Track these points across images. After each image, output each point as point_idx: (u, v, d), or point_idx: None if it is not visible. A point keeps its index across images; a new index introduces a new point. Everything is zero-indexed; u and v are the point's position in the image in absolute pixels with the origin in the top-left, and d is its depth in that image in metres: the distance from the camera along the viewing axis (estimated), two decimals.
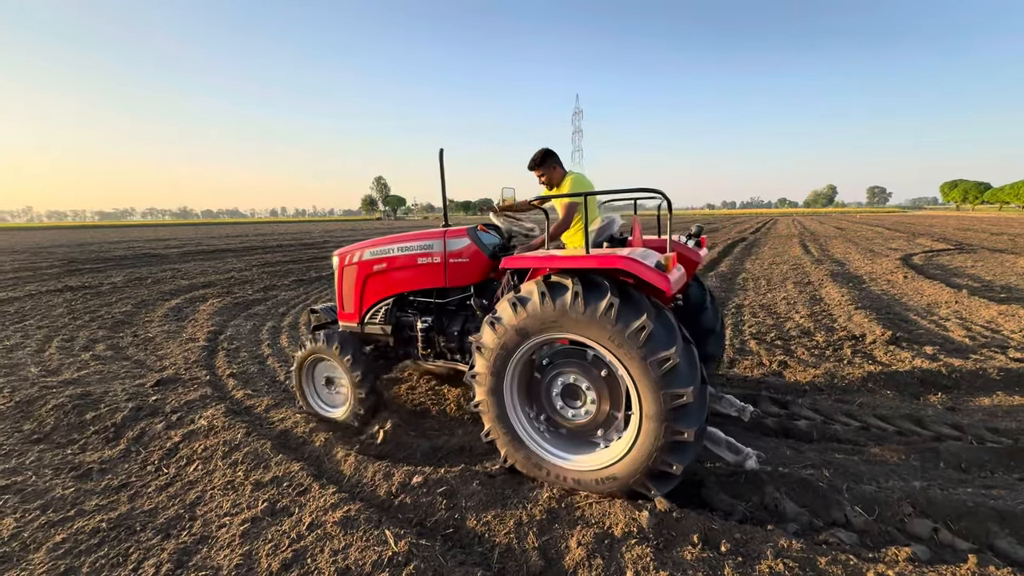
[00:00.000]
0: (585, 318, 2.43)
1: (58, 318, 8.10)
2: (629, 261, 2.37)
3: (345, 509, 2.52)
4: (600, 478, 2.59)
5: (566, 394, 2.78)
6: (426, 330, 3.70)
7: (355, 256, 3.96)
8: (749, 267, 13.43)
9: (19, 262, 17.73)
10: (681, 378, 2.33)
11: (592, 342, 2.48)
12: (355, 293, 3.94)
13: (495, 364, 2.76)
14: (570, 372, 2.73)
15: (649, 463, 2.44)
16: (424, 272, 3.70)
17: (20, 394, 4.49)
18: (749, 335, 6.36)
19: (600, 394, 2.67)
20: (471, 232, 3.67)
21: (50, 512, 2.83)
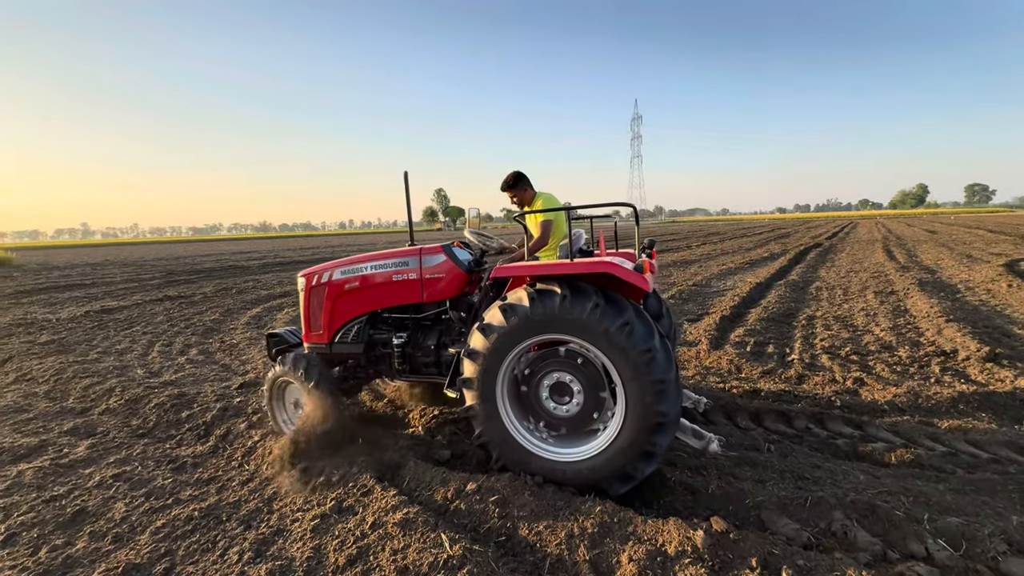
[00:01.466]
0: (573, 319, 2.70)
1: (159, 325, 9.06)
2: (614, 266, 2.70)
3: (405, 511, 2.66)
4: (590, 467, 2.83)
5: (555, 393, 2.99)
6: (402, 345, 3.71)
7: (323, 276, 3.93)
8: (823, 275, 12.59)
9: (127, 274, 19.98)
10: (661, 367, 2.64)
11: (580, 341, 2.77)
12: (324, 313, 3.90)
13: (486, 368, 2.95)
14: (552, 373, 2.97)
15: (636, 445, 2.72)
16: (400, 289, 3.76)
17: (128, 393, 5.08)
18: (821, 349, 5.98)
19: (583, 381, 2.91)
20: (447, 249, 3.79)
21: (152, 499, 3.20)
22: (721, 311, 8.01)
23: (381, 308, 3.87)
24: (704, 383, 4.91)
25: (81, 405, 4.95)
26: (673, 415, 2.69)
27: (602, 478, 2.82)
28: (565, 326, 2.75)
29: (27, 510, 3.12)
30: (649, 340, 2.65)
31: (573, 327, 2.73)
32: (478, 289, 3.82)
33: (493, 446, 3.05)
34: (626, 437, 2.73)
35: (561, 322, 2.75)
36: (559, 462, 2.92)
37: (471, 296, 3.83)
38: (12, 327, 9.09)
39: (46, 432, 4.34)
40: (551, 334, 2.82)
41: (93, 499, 3.23)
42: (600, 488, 2.83)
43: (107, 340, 7.92)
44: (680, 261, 17.64)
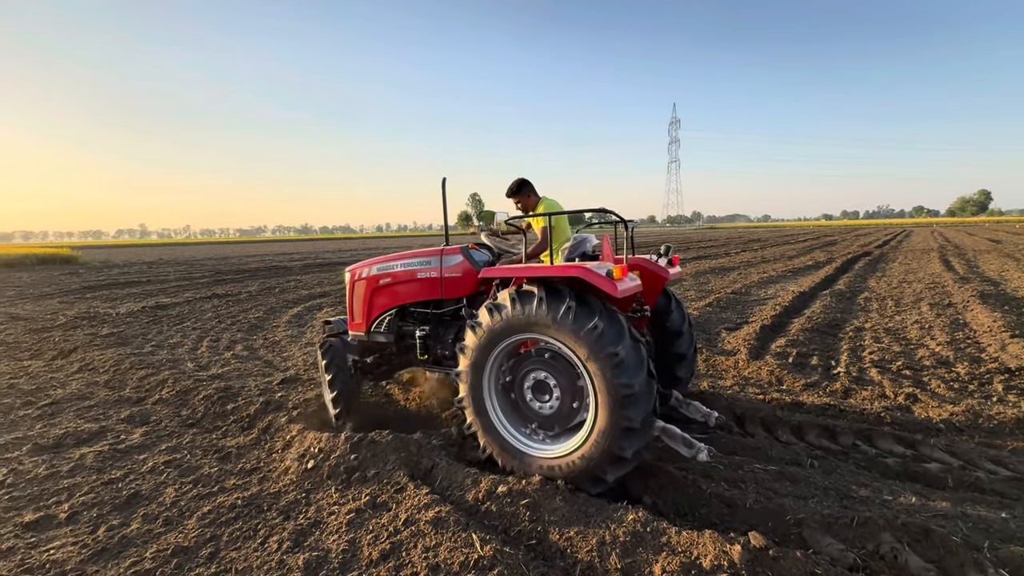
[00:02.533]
0: (548, 320, 2.84)
1: (208, 321, 9.52)
2: (584, 270, 2.81)
3: (437, 510, 2.69)
4: (567, 463, 2.92)
5: (537, 391, 3.14)
6: (424, 338, 4.02)
7: (363, 272, 4.35)
8: (873, 285, 12.00)
9: (179, 273, 21.09)
10: (628, 371, 2.70)
11: (556, 341, 2.89)
12: (363, 305, 4.32)
13: (476, 362, 3.16)
14: (531, 374, 3.14)
15: (605, 448, 2.78)
16: (423, 286, 4.09)
17: (179, 385, 5.36)
18: (870, 362, 5.69)
19: (559, 375, 3.03)
20: (463, 250, 4.04)
21: (200, 486, 3.36)
22: (761, 320, 7.75)
23: (408, 303, 4.20)
24: (742, 394, 4.76)
25: (137, 395, 5.26)
26: (640, 421, 2.74)
27: (574, 478, 2.91)
28: (541, 327, 2.90)
29: (88, 491, 3.33)
30: (616, 344, 2.71)
31: (548, 328, 2.87)
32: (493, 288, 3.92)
33: (481, 435, 3.24)
34: (596, 441, 2.81)
35: (538, 324, 2.90)
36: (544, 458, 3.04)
37: (487, 295, 3.96)
38: (77, 320, 9.74)
39: (105, 419, 4.63)
40: (529, 334, 2.99)
41: (146, 483, 3.42)
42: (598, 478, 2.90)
43: (160, 334, 8.38)
44: (718, 268, 17.17)
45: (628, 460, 2.82)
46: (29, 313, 10.94)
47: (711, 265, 18.35)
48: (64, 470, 3.62)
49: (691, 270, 16.58)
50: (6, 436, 4.26)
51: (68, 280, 18.69)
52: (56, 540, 2.81)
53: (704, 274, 15.48)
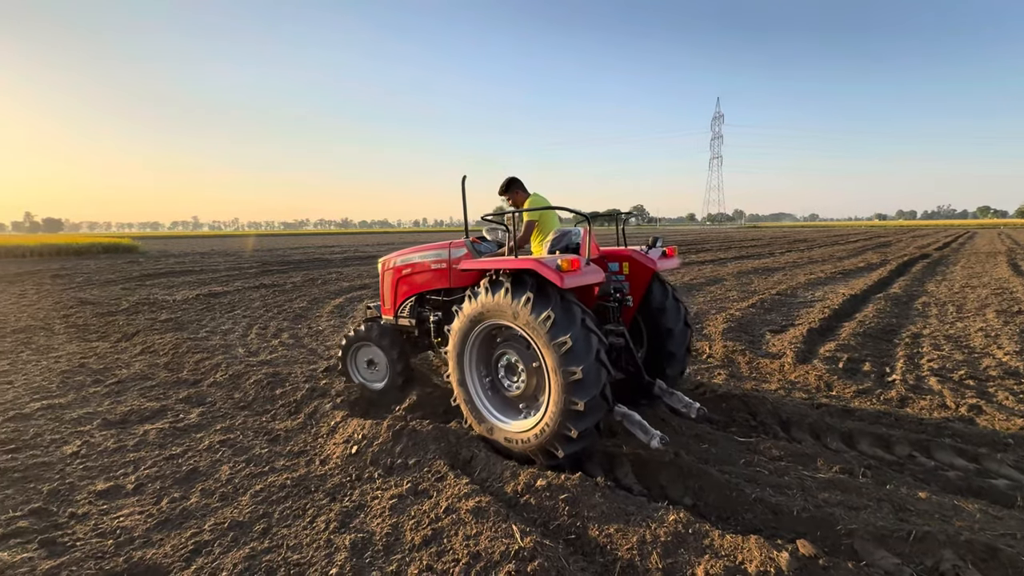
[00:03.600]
0: (511, 308, 3.15)
1: (256, 310, 9.95)
2: (535, 263, 3.09)
3: (477, 500, 2.74)
4: (524, 438, 3.23)
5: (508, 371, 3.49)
6: (437, 323, 4.44)
7: (392, 262, 4.87)
8: (932, 289, 11.31)
9: (229, 263, 22.10)
10: (576, 357, 2.94)
11: (517, 327, 3.18)
12: (391, 292, 4.85)
13: (459, 343, 3.55)
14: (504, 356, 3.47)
15: (555, 426, 3.05)
16: (436, 275, 4.52)
17: (232, 370, 5.63)
18: (929, 370, 5.38)
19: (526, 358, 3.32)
20: (468, 244, 4.37)
21: (252, 465, 3.54)
22: (809, 323, 7.45)
23: (425, 290, 4.65)
24: (788, 398, 4.59)
25: (193, 377, 5.56)
26: (585, 405, 2.95)
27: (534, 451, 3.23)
28: (506, 315, 3.21)
29: (151, 465, 3.56)
30: (566, 332, 2.97)
31: (511, 316, 3.17)
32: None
33: (456, 389, 3.63)
34: (550, 419, 3.08)
35: (504, 311, 3.21)
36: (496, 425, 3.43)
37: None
38: (139, 306, 10.38)
39: (166, 398, 4.93)
40: (499, 320, 3.29)
41: (203, 461, 3.62)
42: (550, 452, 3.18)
43: (213, 321, 8.83)
44: (762, 269, 16.58)
45: (575, 440, 3.05)
46: (96, 298, 11.74)
47: (754, 265, 17.74)
48: (130, 444, 3.88)
49: (733, 270, 16.09)
50: (79, 411, 4.60)
51: (130, 268, 19.92)
52: (124, 508, 3.02)
53: (747, 274, 14.99)
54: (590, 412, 3.00)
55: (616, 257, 4.02)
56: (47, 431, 4.15)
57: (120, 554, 2.57)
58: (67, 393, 5.09)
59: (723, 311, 8.85)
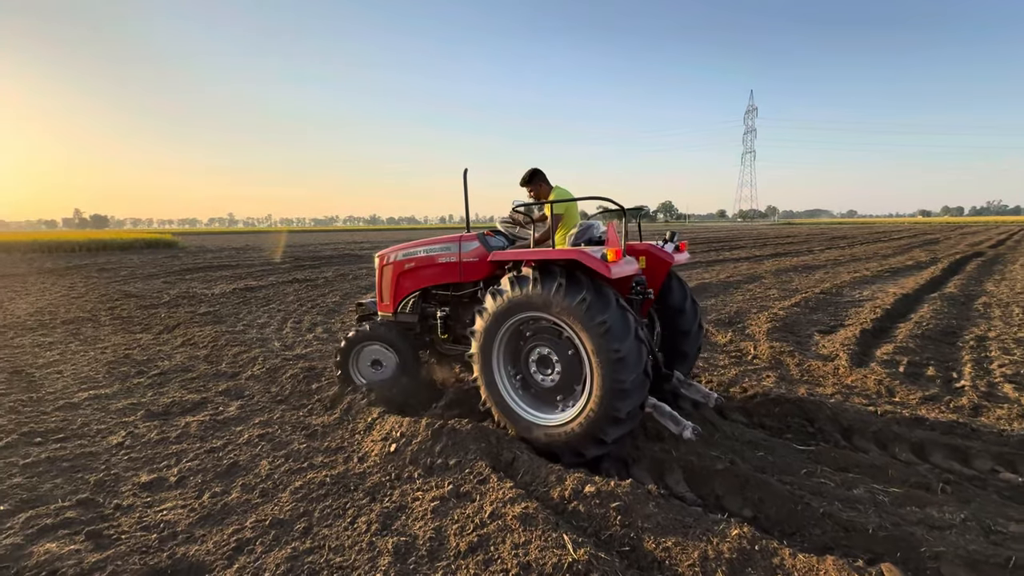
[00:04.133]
0: (543, 298, 3.09)
1: (290, 304, 10.08)
2: (581, 253, 3.04)
3: (524, 506, 2.61)
4: (568, 429, 3.15)
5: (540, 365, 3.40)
6: (444, 318, 4.34)
7: (391, 257, 4.66)
8: (992, 289, 10.60)
9: (263, 258, 22.64)
10: (616, 336, 2.92)
11: (553, 318, 3.13)
12: (391, 288, 4.63)
13: (489, 326, 3.41)
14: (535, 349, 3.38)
15: (601, 410, 2.99)
16: (444, 270, 4.38)
17: (268, 363, 5.66)
18: (1001, 377, 4.98)
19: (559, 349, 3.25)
20: (480, 237, 4.31)
21: (291, 461, 3.49)
22: (860, 323, 7.04)
23: (430, 285, 4.51)
24: (847, 403, 4.30)
25: (232, 370, 5.61)
26: (631, 382, 2.94)
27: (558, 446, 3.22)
28: (539, 306, 3.14)
29: (192, 458, 3.56)
30: (604, 312, 2.94)
31: (545, 307, 3.11)
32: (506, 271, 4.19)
33: (484, 391, 3.53)
34: (585, 420, 3.06)
35: (536, 303, 3.15)
36: (531, 421, 3.35)
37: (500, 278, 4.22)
38: (179, 299, 10.67)
39: (206, 391, 4.98)
40: (531, 313, 3.22)
41: (243, 455, 3.61)
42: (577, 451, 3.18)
43: (250, 315, 8.98)
44: (801, 266, 15.93)
45: (624, 420, 3.03)
46: (139, 291, 12.14)
47: (793, 263, 17.07)
48: (172, 436, 3.91)
49: (771, 267, 15.51)
50: (124, 401, 4.68)
51: (170, 262, 20.62)
52: (167, 502, 3.01)
53: (786, 272, 14.42)
54: (635, 391, 2.99)
55: (634, 251, 3.96)
56: (94, 421, 4.23)
57: (164, 549, 2.55)
58: (112, 383, 5.20)
59: (765, 310, 8.48)
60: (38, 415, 4.31)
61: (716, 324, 7.54)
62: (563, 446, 3.21)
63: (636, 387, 2.98)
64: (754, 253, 21.54)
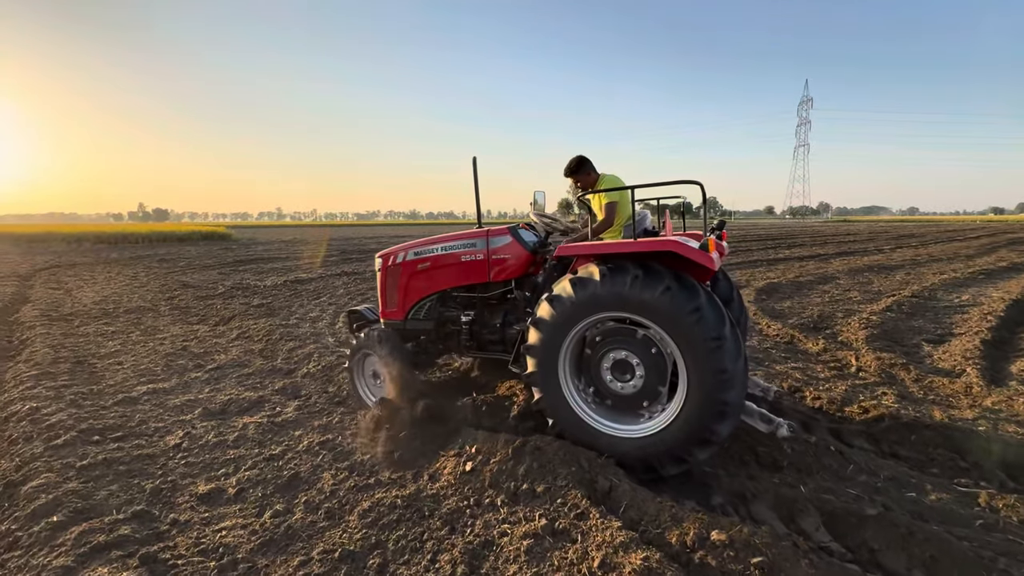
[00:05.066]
0: (642, 299, 2.73)
1: (340, 297, 9.95)
2: (678, 244, 2.73)
3: (642, 555, 2.13)
4: (651, 442, 2.84)
5: (616, 370, 3.03)
6: (470, 323, 3.90)
7: (398, 257, 4.20)
8: None
9: (311, 251, 23.00)
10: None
11: (647, 320, 2.80)
12: (399, 291, 4.16)
13: (551, 338, 3.02)
14: (610, 352, 3.01)
15: (693, 430, 2.73)
16: (468, 269, 3.92)
17: (324, 360, 5.41)
18: None
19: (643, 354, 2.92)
20: (513, 231, 3.91)
21: (355, 475, 3.15)
22: (975, 332, 6.15)
23: (451, 287, 4.06)
24: (1001, 432, 3.58)
25: (287, 366, 5.39)
26: (735, 405, 2.71)
27: (655, 457, 2.84)
28: (633, 306, 2.78)
29: (251, 466, 3.28)
30: (720, 328, 2.64)
31: (641, 307, 2.77)
32: (542, 270, 3.83)
33: (550, 413, 3.14)
34: (684, 422, 2.74)
35: (630, 301, 2.78)
36: (615, 436, 2.97)
37: (535, 276, 3.86)
38: (233, 290, 10.75)
39: (262, 388, 4.75)
40: (618, 312, 2.86)
41: (304, 465, 3.29)
42: (652, 467, 2.86)
43: (302, 308, 8.87)
44: (875, 266, 14.62)
45: (731, 414, 2.73)
46: (196, 281, 12.38)
47: (865, 262, 15.74)
48: (230, 439, 3.65)
49: (842, 267, 14.32)
50: (181, 397, 4.51)
51: (224, 254, 21.25)
52: (226, 519, 2.71)
53: (860, 272, 13.24)
54: (738, 378, 2.70)
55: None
56: (151, 418, 4.05)
57: None
58: (171, 377, 5.07)
59: (853, 314, 7.64)
60: (97, 410, 4.18)
61: (800, 328, 6.79)
62: (663, 455, 2.84)
63: (739, 374, 2.71)
64: (817, 252, 20.12)
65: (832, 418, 3.92)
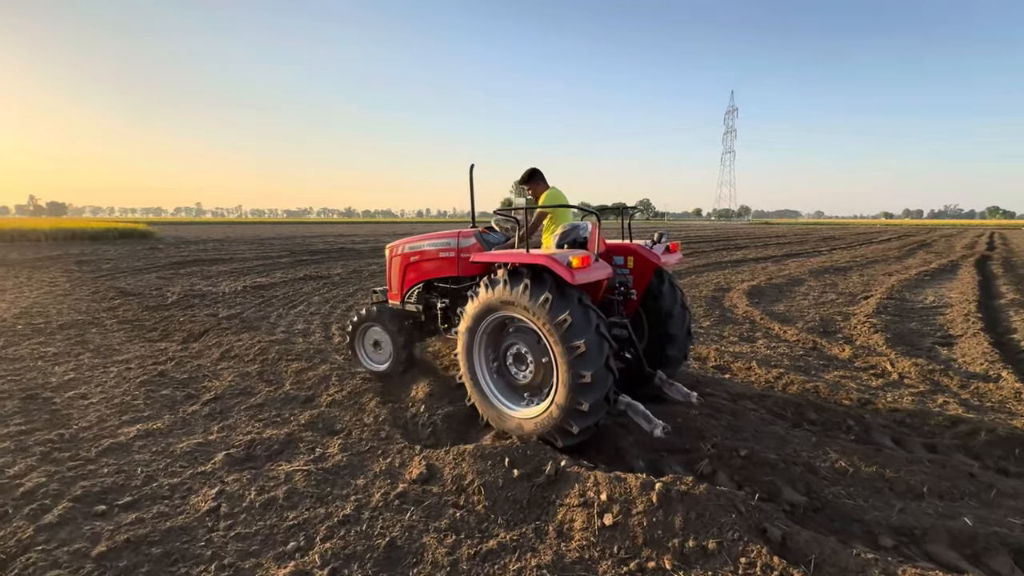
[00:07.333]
0: (528, 303, 3.21)
1: (319, 306, 8.99)
2: (548, 259, 3.18)
3: None
4: (538, 421, 3.33)
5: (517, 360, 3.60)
6: (444, 309, 4.59)
7: (399, 249, 4.95)
8: None
9: (253, 251, 21.11)
10: (577, 332, 3.07)
11: (521, 316, 3.33)
12: (399, 278, 4.94)
13: (470, 327, 3.64)
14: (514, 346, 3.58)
15: (565, 403, 3.16)
16: (444, 263, 4.63)
17: (347, 384, 4.71)
18: None
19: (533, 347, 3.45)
20: (476, 234, 4.51)
21: (463, 537, 2.59)
22: (973, 334, 6.50)
23: (432, 278, 4.77)
24: None
25: (302, 392, 4.62)
26: (592, 375, 3.07)
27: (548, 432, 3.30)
28: (520, 309, 3.28)
29: (327, 534, 2.62)
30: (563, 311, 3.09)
31: (526, 311, 3.24)
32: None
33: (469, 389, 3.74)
34: (552, 414, 3.24)
35: (519, 304, 3.26)
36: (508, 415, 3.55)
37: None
38: (188, 298, 9.43)
39: (284, 423, 3.99)
40: (511, 312, 3.38)
41: (392, 527, 2.68)
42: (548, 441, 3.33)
43: (282, 319, 7.88)
44: (828, 268, 15.57)
45: (575, 435, 3.23)
46: (134, 288, 10.80)
47: (816, 264, 16.73)
48: (280, 496, 2.94)
49: (799, 269, 15.09)
50: (187, 440, 3.66)
51: (154, 255, 18.97)
52: None
53: (819, 274, 14.00)
54: (597, 384, 3.10)
55: (621, 251, 4.11)
56: (160, 472, 3.22)
57: None
58: (161, 413, 4.16)
59: (848, 316, 7.93)
60: (83, 464, 3.27)
61: (811, 332, 6.89)
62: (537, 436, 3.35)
63: (598, 380, 3.10)
64: (768, 253, 21.24)
65: (921, 431, 3.85)
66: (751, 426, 3.85)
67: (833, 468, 3.26)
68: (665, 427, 3.30)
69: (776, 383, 4.81)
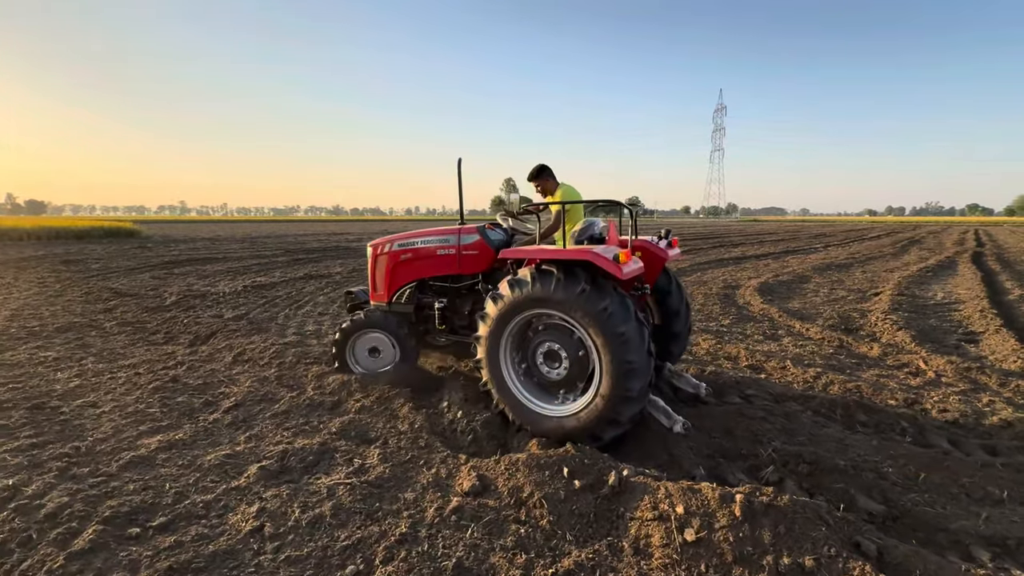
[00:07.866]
0: (563, 298, 3.16)
1: (326, 306, 8.75)
2: (593, 254, 3.11)
3: None
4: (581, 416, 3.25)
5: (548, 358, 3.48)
6: (442, 309, 4.44)
7: (386, 247, 4.69)
8: None
9: (246, 250, 20.67)
10: (632, 348, 3.07)
11: (568, 317, 3.21)
12: (385, 278, 4.68)
13: (494, 330, 3.48)
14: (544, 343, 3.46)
15: (604, 411, 3.15)
16: (442, 261, 4.47)
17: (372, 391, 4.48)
18: None
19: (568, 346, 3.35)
20: (480, 230, 4.37)
21: (534, 556, 2.41)
22: (996, 331, 6.47)
23: (427, 277, 4.59)
24: None
25: (328, 398, 4.38)
26: (636, 391, 3.10)
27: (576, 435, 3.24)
28: (556, 304, 3.21)
29: (386, 555, 2.42)
30: (625, 322, 3.06)
31: (562, 305, 3.19)
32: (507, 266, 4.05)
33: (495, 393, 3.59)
34: (598, 405, 3.17)
35: (553, 300, 3.21)
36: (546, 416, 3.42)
37: (500, 271, 4.17)
38: (189, 299, 9.11)
39: (314, 431, 3.76)
40: (544, 309, 3.30)
41: (455, 546, 2.49)
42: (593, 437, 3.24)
43: (290, 319, 7.62)
44: (829, 264, 15.64)
45: (622, 424, 3.21)
46: (130, 288, 10.44)
47: (817, 260, 16.83)
48: (326, 514, 2.73)
49: (802, 266, 15.12)
50: (214, 452, 3.43)
51: (144, 254, 18.47)
52: None
53: (823, 271, 14.04)
54: (642, 369, 3.11)
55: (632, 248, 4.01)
56: (191, 488, 2.98)
57: None
58: (180, 422, 3.91)
59: (866, 313, 7.89)
60: (105, 481, 3.02)
61: (833, 330, 6.81)
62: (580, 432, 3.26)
63: (643, 365, 3.11)
64: (766, 250, 21.32)
65: (977, 432, 3.75)
66: (804, 429, 3.72)
67: (902, 473, 3.13)
68: (685, 423, 3.34)
69: (815, 383, 4.70)
